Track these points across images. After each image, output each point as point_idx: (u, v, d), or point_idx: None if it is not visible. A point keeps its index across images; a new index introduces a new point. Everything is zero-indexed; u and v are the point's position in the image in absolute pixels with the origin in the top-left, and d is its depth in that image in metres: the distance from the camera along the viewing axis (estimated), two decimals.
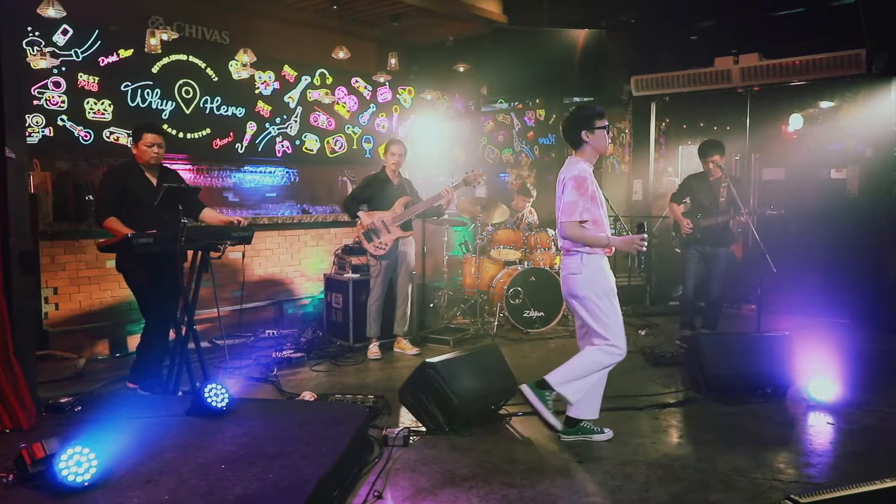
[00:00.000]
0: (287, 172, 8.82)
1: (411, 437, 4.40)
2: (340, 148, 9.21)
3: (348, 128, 9.37)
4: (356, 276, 6.69)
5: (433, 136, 10.37)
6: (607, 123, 3.89)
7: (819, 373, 5.12)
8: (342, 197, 7.57)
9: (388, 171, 6.20)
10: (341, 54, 8.30)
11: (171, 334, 4.88)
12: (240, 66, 7.80)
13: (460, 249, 8.11)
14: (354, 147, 9.51)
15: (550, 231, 7.80)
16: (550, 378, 4.18)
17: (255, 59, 7.97)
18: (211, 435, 3.83)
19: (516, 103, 10.58)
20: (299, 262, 7.69)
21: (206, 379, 4.44)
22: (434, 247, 8.33)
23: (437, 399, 4.53)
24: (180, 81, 7.68)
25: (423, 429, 4.54)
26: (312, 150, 8.96)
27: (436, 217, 6.53)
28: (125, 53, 7.21)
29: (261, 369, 5.88)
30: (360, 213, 6.10)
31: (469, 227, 8.29)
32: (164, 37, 6.96)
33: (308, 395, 5.12)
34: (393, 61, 8.67)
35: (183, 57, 7.71)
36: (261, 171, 8.62)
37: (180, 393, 4.76)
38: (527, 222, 8.03)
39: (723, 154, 6.14)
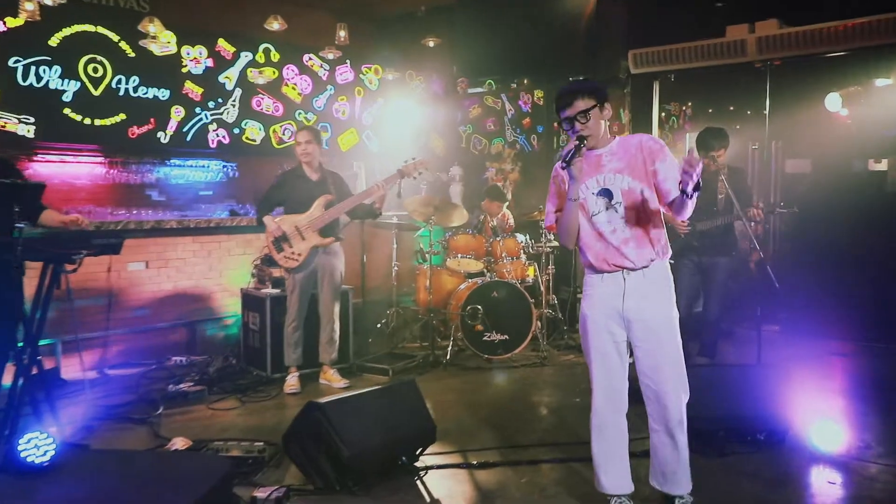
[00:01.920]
0: (224, 167, 8.38)
1: (289, 499, 3.88)
2: (290, 138, 8.74)
3: (300, 114, 8.92)
4: (276, 291, 6.29)
5: (406, 124, 9.96)
6: (568, 114, 3.30)
7: (831, 414, 4.66)
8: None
9: (303, 166, 5.91)
10: (276, 25, 7.69)
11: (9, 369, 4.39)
12: (149, 39, 7.25)
13: (416, 259, 7.73)
14: None
15: (521, 237, 7.39)
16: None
17: (165, 29, 7.40)
18: (12, 500, 3.33)
19: (512, 84, 10.10)
20: (220, 273, 7.31)
21: (35, 424, 4.04)
22: (381, 256, 8.08)
23: (327, 449, 4.01)
24: (86, 57, 7.19)
25: (311, 487, 4.01)
26: (255, 140, 8.51)
27: (371, 219, 6.20)
28: (14, 23, 6.71)
29: (145, 407, 5.46)
30: (265, 219, 5.80)
31: (417, 234, 7.94)
32: (49, 0, 6.30)
33: (180, 443, 4.60)
34: (342, 34, 8.12)
35: (89, 27, 7.20)
36: (191, 166, 8.16)
37: None
38: (492, 227, 7.66)
39: (726, 147, 5.79)
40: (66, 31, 7.10)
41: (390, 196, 6.01)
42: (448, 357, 6.73)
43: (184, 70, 7.95)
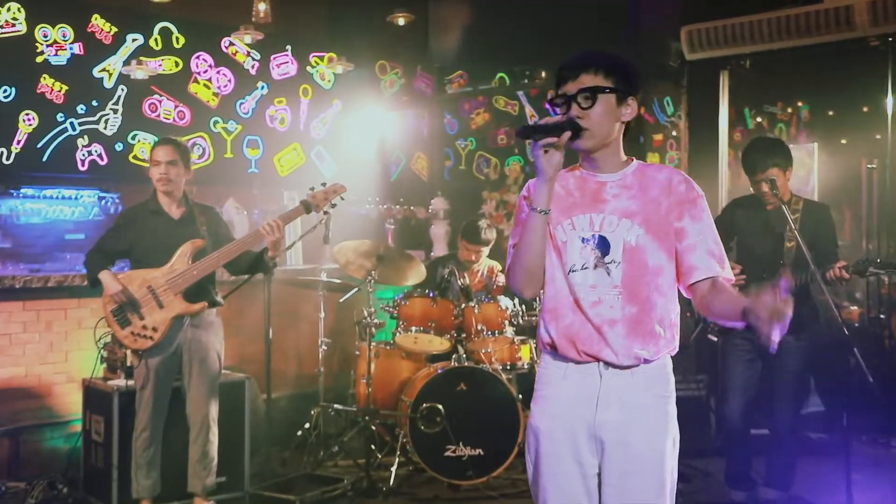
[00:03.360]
0: (102, 198, 7.90)
1: None
2: (201, 157, 8.33)
3: (216, 122, 8.33)
4: (132, 383, 5.91)
5: (374, 138, 9.60)
6: (566, 90, 3.14)
7: None
8: None
9: (160, 196, 5.72)
10: None
11: None
12: None
13: (359, 335, 7.23)
14: (227, 155, 8.46)
15: (505, 301, 6.92)
16: None
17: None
18: None
19: (527, 79, 9.87)
20: (66, 356, 6.81)
21: None
22: (301, 329, 7.93)
23: None
24: None
25: None
26: (148, 161, 7.82)
27: (263, 274, 6.00)
28: None
29: None
30: (102, 276, 5.55)
31: (349, 296, 7.60)
32: None
33: None
34: (262, 7, 7.44)
35: None
36: (51, 197, 7.64)
37: None
38: (462, 286, 7.27)
39: (786, 167, 5.64)
40: None
41: (308, 238, 6.21)
42: (392, 482, 6.40)
43: (38, 60, 7.42)
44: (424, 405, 6.52)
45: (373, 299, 6.76)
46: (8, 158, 7.34)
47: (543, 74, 9.64)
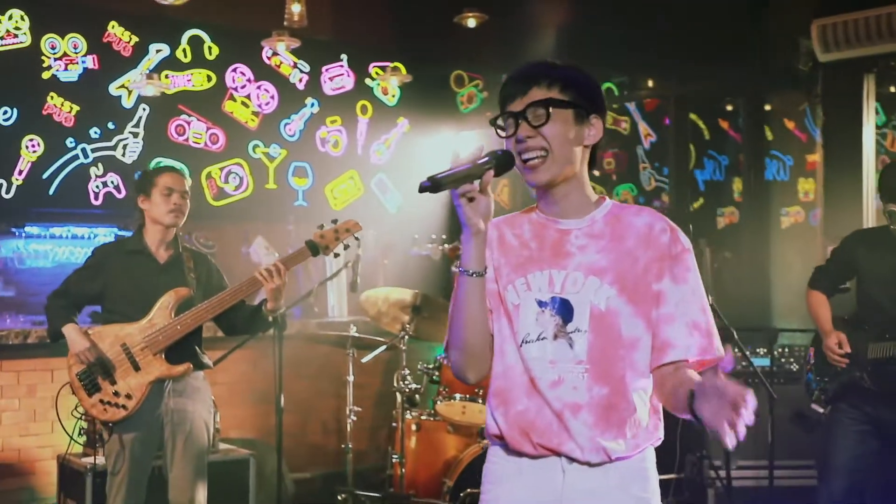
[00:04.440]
0: (119, 237, 7.60)
1: None
2: (238, 188, 8.21)
3: (256, 146, 8.23)
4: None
5: (447, 164, 9.07)
6: (512, 108, 2.89)
7: None
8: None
9: (148, 234, 5.48)
10: None
11: None
12: None
13: (402, 402, 6.85)
14: (270, 185, 8.41)
15: None
16: None
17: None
18: None
19: (640, 90, 9.59)
20: (52, 426, 6.53)
21: None
22: (322, 395, 7.88)
23: None
24: None
25: None
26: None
27: (262, 332, 5.70)
28: None
29: None
30: (66, 329, 5.25)
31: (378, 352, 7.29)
32: None
33: None
34: (296, 9, 7.22)
35: None
36: (59, 237, 7.58)
37: None
38: None
39: None
40: None
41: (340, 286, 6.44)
42: None
43: (45, 76, 7.28)
44: (468, 490, 6.10)
45: (403, 357, 6.56)
46: (8, 192, 7.20)
47: (652, 84, 9.50)
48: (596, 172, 2.85)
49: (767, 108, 8.99)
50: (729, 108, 9.39)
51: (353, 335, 6.65)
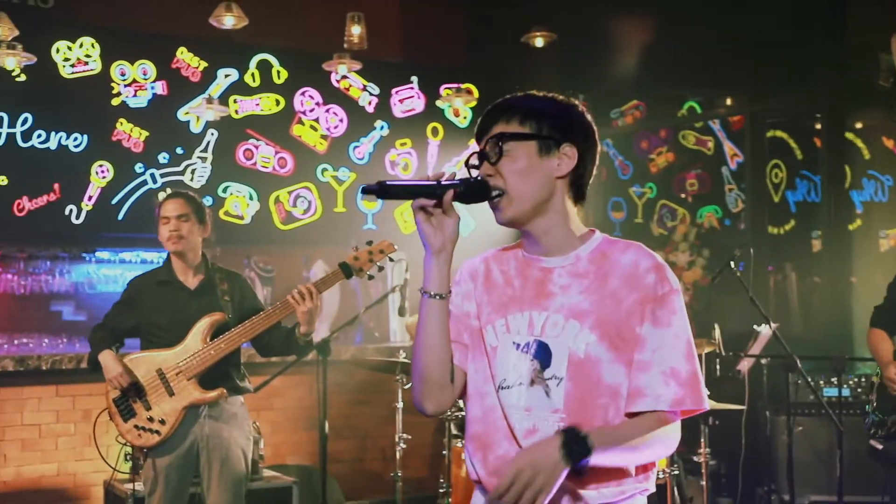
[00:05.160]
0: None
1: None
2: (307, 212, 8.27)
3: (325, 170, 8.31)
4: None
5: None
6: (480, 147, 2.87)
7: None
8: None
9: (174, 262, 5.47)
10: (229, 20, 6.78)
11: None
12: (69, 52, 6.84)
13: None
14: (338, 208, 8.45)
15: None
16: None
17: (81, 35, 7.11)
18: None
19: (725, 108, 9.37)
20: (107, 450, 6.38)
21: None
22: (371, 421, 7.74)
23: None
24: None
25: None
26: (242, 217, 8.03)
27: (300, 356, 5.62)
28: None
29: None
30: (102, 357, 5.24)
31: None
32: None
33: None
34: (356, 30, 7.16)
35: None
36: (129, 262, 7.70)
37: None
38: None
39: None
40: None
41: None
42: None
43: (114, 102, 7.43)
44: None
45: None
46: (78, 217, 7.34)
47: (729, 102, 9.37)
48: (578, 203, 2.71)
49: (859, 125, 8.73)
50: (818, 126, 9.17)
51: (401, 361, 6.52)
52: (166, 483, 5.27)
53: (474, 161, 2.75)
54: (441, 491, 6.34)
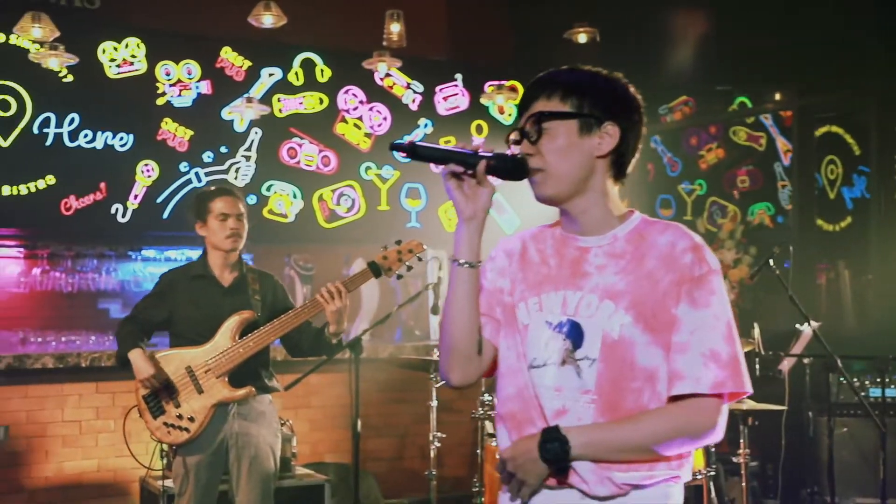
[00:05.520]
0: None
1: None
2: (350, 210, 8.34)
3: (369, 168, 8.36)
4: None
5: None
6: (520, 124, 2.83)
7: None
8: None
9: (212, 258, 5.46)
10: (268, 19, 6.79)
11: None
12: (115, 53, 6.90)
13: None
14: (382, 206, 8.51)
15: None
16: None
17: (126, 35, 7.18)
18: None
19: (777, 104, 9.07)
20: (147, 447, 6.36)
21: None
22: (404, 419, 7.75)
23: None
24: None
25: None
26: (286, 216, 8.08)
27: (330, 355, 5.53)
28: None
29: None
30: (132, 355, 5.17)
31: None
32: None
33: None
34: (395, 28, 7.12)
35: None
36: (174, 260, 7.73)
37: None
38: None
39: None
40: None
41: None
42: None
43: (159, 102, 7.54)
44: None
45: (489, 384, 6.30)
46: (124, 216, 7.44)
47: (778, 97, 9.17)
48: (619, 186, 2.70)
49: None
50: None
51: (434, 359, 6.48)
52: (196, 481, 5.28)
53: (515, 137, 2.72)
54: (475, 490, 6.34)
